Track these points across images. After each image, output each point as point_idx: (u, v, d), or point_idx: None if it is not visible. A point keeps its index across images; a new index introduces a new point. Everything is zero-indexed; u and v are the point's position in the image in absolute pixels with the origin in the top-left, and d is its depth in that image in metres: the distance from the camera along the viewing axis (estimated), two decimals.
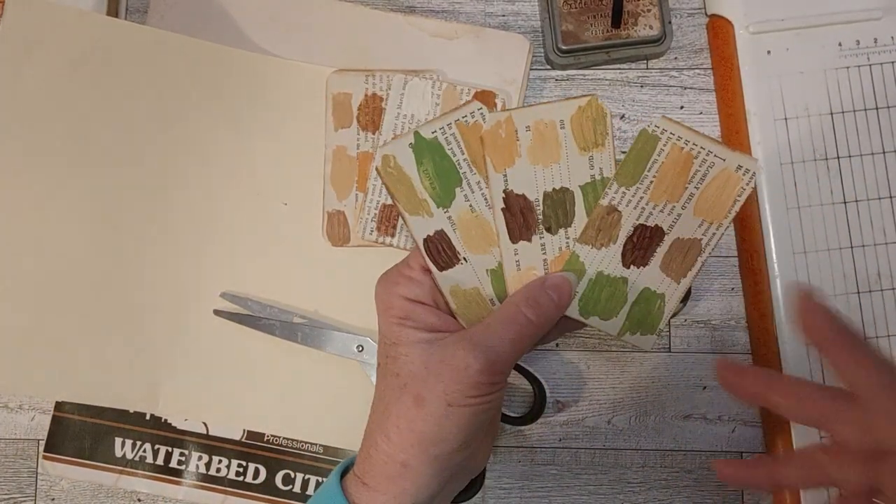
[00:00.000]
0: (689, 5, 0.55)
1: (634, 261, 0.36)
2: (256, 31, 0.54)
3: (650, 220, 0.36)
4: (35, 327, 0.52)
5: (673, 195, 0.35)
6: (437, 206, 0.36)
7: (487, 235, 0.37)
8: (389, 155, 0.36)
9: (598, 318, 0.37)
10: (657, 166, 0.35)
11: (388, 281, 0.38)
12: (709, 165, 0.35)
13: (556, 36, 0.52)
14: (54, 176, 0.53)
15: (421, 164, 0.36)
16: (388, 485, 0.36)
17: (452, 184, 0.36)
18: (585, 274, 0.37)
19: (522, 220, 0.36)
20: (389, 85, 0.52)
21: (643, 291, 0.37)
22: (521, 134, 0.36)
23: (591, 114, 0.36)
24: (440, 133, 0.36)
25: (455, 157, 0.36)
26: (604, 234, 0.36)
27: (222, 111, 0.53)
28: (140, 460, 0.52)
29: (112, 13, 0.54)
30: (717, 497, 0.52)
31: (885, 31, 0.51)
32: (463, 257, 0.37)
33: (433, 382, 0.35)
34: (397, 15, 0.54)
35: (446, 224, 0.37)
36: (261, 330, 0.51)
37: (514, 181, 0.36)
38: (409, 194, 0.36)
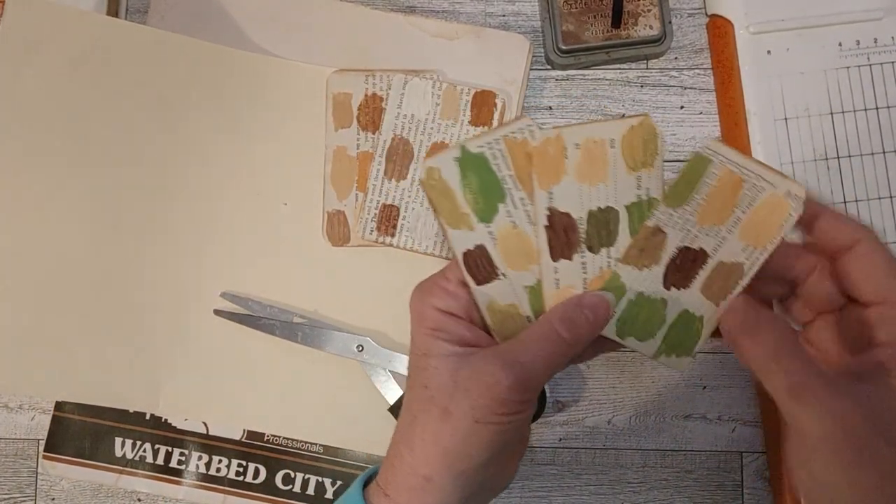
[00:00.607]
0: (689, 5, 0.55)
1: (675, 283, 0.36)
2: (256, 31, 0.54)
3: (695, 242, 0.35)
4: (35, 327, 0.52)
5: (720, 218, 0.35)
6: (479, 220, 0.36)
7: (528, 252, 0.36)
8: (434, 168, 0.36)
9: (635, 339, 0.37)
10: (707, 189, 0.35)
11: (424, 291, 0.37)
12: (758, 190, 0.35)
13: (556, 36, 0.52)
14: (54, 176, 0.53)
15: (465, 178, 0.36)
16: (409, 497, 0.35)
17: (496, 199, 0.36)
18: (625, 294, 0.36)
19: (565, 239, 0.36)
20: (389, 85, 0.52)
21: (682, 314, 0.36)
22: (569, 151, 0.35)
23: (643, 133, 0.35)
24: (487, 148, 0.36)
25: (500, 173, 0.36)
26: (647, 254, 0.36)
27: (222, 111, 0.53)
28: (140, 460, 0.52)
29: (112, 13, 0.54)
30: (717, 497, 0.52)
31: (885, 31, 0.51)
32: (502, 273, 0.36)
33: (461, 397, 0.34)
34: (397, 15, 0.54)
35: (487, 239, 0.36)
36: (261, 330, 0.51)
37: (559, 199, 0.36)
38: (452, 208, 0.36)
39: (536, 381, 0.34)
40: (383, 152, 0.52)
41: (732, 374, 0.52)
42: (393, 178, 0.52)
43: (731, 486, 0.52)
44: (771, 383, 0.33)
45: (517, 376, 0.34)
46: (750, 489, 0.51)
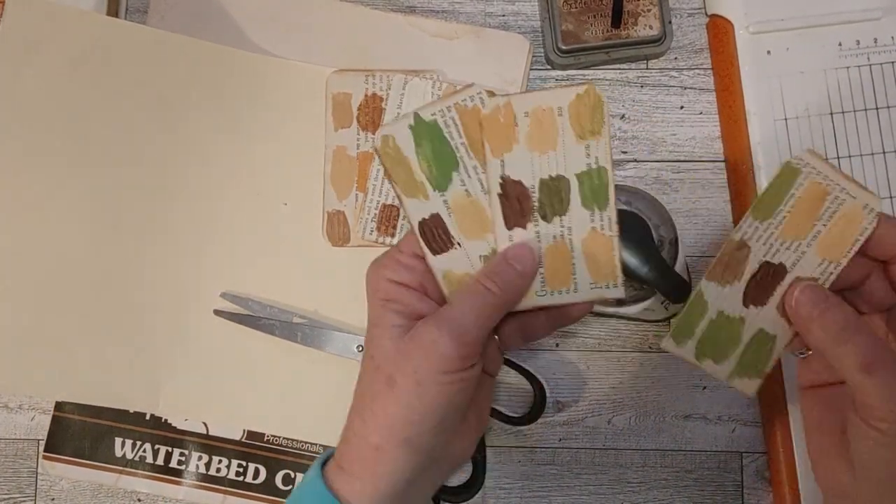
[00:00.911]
0: (689, 5, 0.55)
1: (755, 300, 0.36)
2: (256, 31, 0.54)
3: (776, 256, 0.35)
4: (35, 327, 0.52)
5: (802, 231, 0.35)
6: (434, 189, 0.36)
7: (482, 221, 0.37)
8: (389, 135, 0.36)
9: (712, 361, 0.36)
10: (793, 201, 0.35)
11: (378, 264, 0.38)
12: (839, 203, 0.34)
13: (556, 36, 0.52)
14: (54, 176, 0.53)
15: (419, 147, 0.36)
16: (362, 469, 0.36)
17: (449, 167, 0.36)
18: (707, 314, 0.36)
19: (518, 207, 0.36)
20: (389, 85, 0.52)
21: (757, 333, 0.36)
22: (519, 119, 0.36)
23: (589, 102, 0.35)
24: (439, 116, 0.36)
25: (453, 141, 0.36)
26: (730, 271, 0.36)
27: (222, 111, 0.53)
28: (140, 460, 0.52)
29: (112, 13, 0.54)
30: (717, 497, 0.52)
31: (885, 31, 0.51)
32: (457, 242, 0.37)
33: (403, 362, 0.35)
34: (397, 15, 0.54)
35: (442, 208, 0.36)
36: (261, 330, 0.51)
37: (511, 167, 0.36)
38: (407, 176, 0.36)
39: (472, 336, 0.35)
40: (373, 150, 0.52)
41: None
42: None
43: (731, 487, 0.51)
44: (842, 360, 0.33)
45: (452, 333, 0.34)
46: (750, 489, 0.51)
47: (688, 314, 0.36)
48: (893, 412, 0.31)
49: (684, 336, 0.36)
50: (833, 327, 0.33)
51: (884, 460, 0.32)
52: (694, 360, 0.36)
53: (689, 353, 0.36)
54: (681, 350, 0.37)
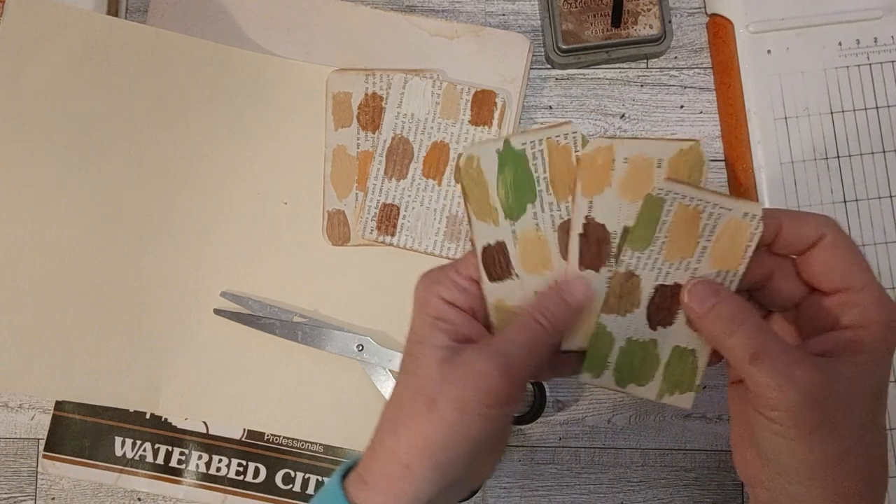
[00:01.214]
0: (689, 5, 0.55)
1: (661, 321, 0.36)
2: (256, 30, 0.54)
3: (668, 278, 0.36)
4: (35, 327, 0.52)
5: (686, 251, 0.35)
6: (506, 216, 0.36)
7: (544, 258, 0.37)
8: (474, 156, 0.36)
9: (635, 384, 0.37)
10: (667, 226, 0.35)
11: (431, 279, 0.37)
12: (716, 218, 0.35)
13: (556, 35, 0.52)
14: (54, 176, 0.53)
15: (502, 173, 0.36)
16: (386, 485, 0.35)
17: (526, 199, 0.36)
18: (615, 343, 0.37)
19: (596, 250, 0.36)
20: (389, 84, 0.52)
21: (674, 350, 0.37)
22: (617, 164, 0.35)
23: (690, 159, 0.35)
24: (528, 146, 0.36)
25: (536, 174, 0.36)
26: (626, 300, 0.36)
27: (222, 110, 0.53)
28: (140, 460, 0.52)
29: (112, 13, 0.54)
30: (717, 496, 0.52)
31: (885, 30, 0.51)
32: (516, 273, 0.37)
33: (448, 387, 0.34)
34: (397, 15, 0.54)
35: (509, 237, 0.36)
36: (261, 329, 0.51)
37: (598, 209, 0.36)
38: (482, 199, 0.36)
39: (521, 370, 0.35)
40: (383, 152, 0.52)
41: None
42: (393, 178, 0.52)
43: (731, 486, 0.52)
44: (732, 352, 0.33)
45: (501, 366, 0.34)
46: None
47: (594, 348, 0.37)
48: (782, 401, 0.31)
49: (598, 368, 0.37)
50: (723, 319, 0.34)
51: (783, 448, 0.32)
52: (616, 387, 0.37)
53: (610, 382, 0.37)
54: (600, 381, 0.37)
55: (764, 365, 0.32)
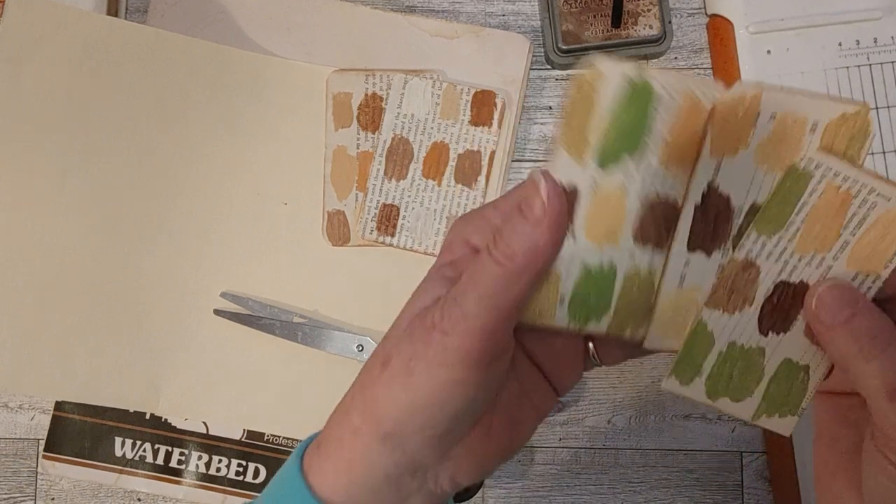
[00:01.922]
0: (689, 5, 0.55)
1: (773, 326, 0.30)
2: (257, 31, 0.54)
3: (794, 275, 0.30)
4: (35, 327, 0.52)
5: (823, 244, 0.29)
6: (595, 160, 0.29)
7: (614, 230, 0.30)
8: (601, 72, 0.28)
9: (729, 399, 0.31)
10: (807, 209, 0.29)
11: (464, 220, 0.31)
12: (870, 207, 0.29)
13: (556, 35, 0.52)
14: (54, 176, 0.53)
15: (619, 105, 0.28)
16: (337, 449, 0.30)
17: (628, 146, 0.29)
18: (714, 346, 0.30)
19: (712, 228, 0.30)
20: (389, 85, 0.52)
21: (783, 363, 0.30)
22: (760, 121, 0.29)
23: (853, 128, 0.29)
24: (665, 92, 0.28)
25: (655, 125, 0.29)
26: (737, 295, 0.30)
27: (222, 111, 0.53)
28: (140, 460, 0.52)
29: (112, 13, 0.54)
30: (717, 496, 0.52)
31: (885, 31, 0.51)
32: (573, 233, 0.29)
33: (404, 344, 0.28)
34: (397, 15, 0.54)
35: (588, 186, 0.29)
36: (261, 330, 0.51)
37: (724, 176, 0.29)
38: (580, 126, 0.29)
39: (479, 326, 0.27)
40: (383, 152, 0.52)
41: None
42: (393, 178, 0.52)
43: (731, 486, 0.52)
44: (866, 380, 0.27)
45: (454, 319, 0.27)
46: (750, 489, 0.51)
47: (688, 349, 0.30)
48: None
49: (689, 374, 0.31)
50: (861, 338, 0.27)
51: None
52: (706, 399, 0.31)
53: (699, 393, 0.31)
54: (688, 390, 0.31)
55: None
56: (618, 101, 0.28)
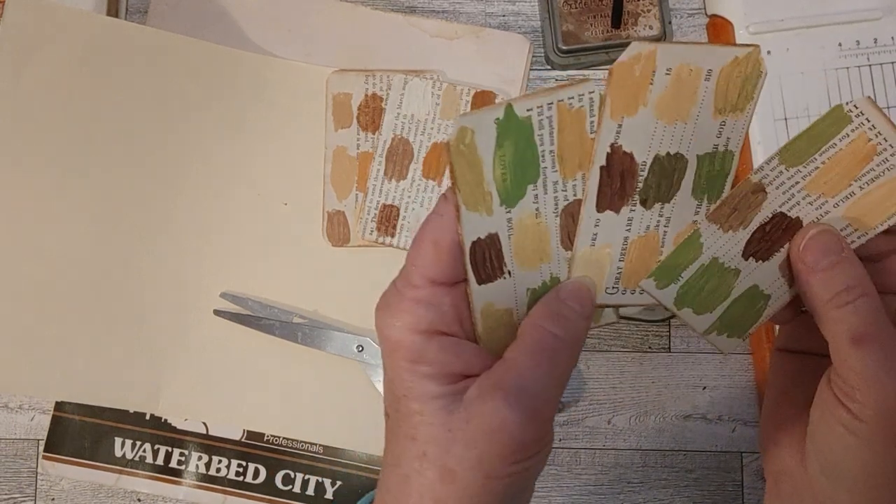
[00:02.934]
0: (689, 5, 0.55)
1: (756, 253, 0.31)
2: (257, 31, 0.54)
3: (794, 210, 0.30)
4: (35, 327, 0.52)
5: (832, 189, 0.30)
6: (501, 203, 0.29)
7: (542, 248, 0.30)
8: (468, 128, 0.28)
9: (692, 310, 0.32)
10: (833, 152, 0.29)
11: (388, 309, 0.29)
12: (888, 167, 0.29)
13: (556, 36, 0.52)
14: (54, 176, 0.53)
15: (500, 148, 0.29)
16: None
17: (527, 179, 0.29)
18: (699, 258, 0.31)
19: (619, 186, 0.30)
20: (389, 85, 0.52)
21: (750, 289, 0.32)
22: (657, 77, 0.29)
23: (746, 69, 0.29)
24: (535, 112, 0.29)
25: (542, 147, 0.29)
26: (738, 215, 0.31)
27: (223, 111, 0.53)
28: (140, 460, 0.52)
29: (112, 13, 0.54)
30: (717, 497, 0.52)
31: (885, 31, 0.51)
32: (508, 270, 0.30)
33: (462, 450, 0.27)
34: (397, 15, 0.54)
35: (504, 227, 0.30)
36: (261, 330, 0.51)
37: (627, 135, 0.29)
38: (475, 182, 0.29)
39: (549, 407, 0.28)
40: (383, 152, 0.52)
41: (732, 374, 0.52)
42: (393, 179, 0.52)
43: (731, 487, 0.52)
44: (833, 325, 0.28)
45: (526, 407, 0.27)
46: (750, 489, 0.51)
47: (677, 255, 0.31)
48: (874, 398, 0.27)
49: (668, 278, 0.31)
50: (837, 285, 0.28)
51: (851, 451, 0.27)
52: (672, 305, 0.32)
53: (668, 299, 0.31)
54: (660, 293, 0.32)
55: (868, 351, 0.27)
56: (497, 145, 0.28)
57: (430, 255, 0.29)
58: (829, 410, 0.28)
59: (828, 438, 0.28)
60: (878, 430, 0.27)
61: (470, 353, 0.29)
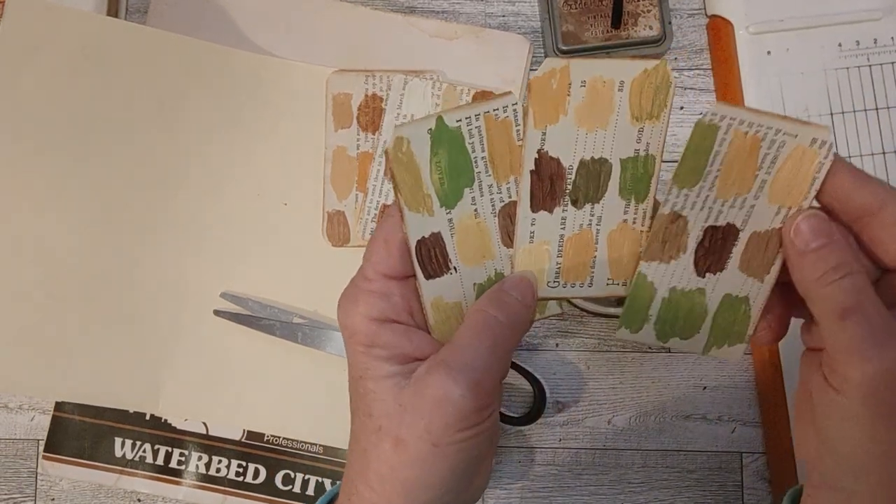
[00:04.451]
0: (689, 6, 0.55)
1: (709, 267, 0.33)
2: (256, 31, 0.54)
3: (720, 218, 0.32)
4: (35, 327, 0.52)
5: (743, 186, 0.31)
6: (441, 205, 0.32)
7: (485, 246, 0.33)
8: (403, 138, 0.31)
9: (679, 339, 0.34)
10: (720, 158, 0.31)
11: (348, 300, 0.33)
12: (779, 146, 0.31)
13: (556, 36, 0.52)
14: (54, 176, 0.53)
15: (435, 155, 0.32)
16: None
17: (463, 183, 0.32)
18: (657, 294, 0.33)
19: (549, 188, 0.32)
20: (389, 85, 0.52)
21: (724, 298, 0.33)
22: (573, 89, 0.31)
23: (656, 80, 0.31)
24: (464, 123, 0.32)
25: (473, 154, 0.32)
26: (671, 244, 0.32)
27: (222, 111, 0.53)
28: (140, 460, 0.52)
29: (112, 13, 0.54)
30: (717, 497, 0.52)
31: (885, 31, 0.51)
32: (454, 266, 0.33)
33: (412, 420, 0.30)
34: (397, 15, 0.54)
35: (445, 227, 0.33)
36: (261, 330, 0.51)
37: (551, 142, 0.32)
38: (414, 186, 0.32)
39: (490, 381, 0.31)
40: (383, 153, 0.52)
41: (733, 374, 0.52)
42: None
43: (731, 487, 0.51)
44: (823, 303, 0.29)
45: (467, 381, 0.30)
46: (750, 490, 0.51)
47: (632, 301, 0.33)
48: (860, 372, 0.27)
49: (638, 322, 0.34)
50: (826, 265, 0.29)
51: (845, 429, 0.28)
52: (657, 342, 0.34)
53: (650, 338, 0.34)
54: (639, 336, 0.34)
55: (855, 324, 0.28)
56: (431, 152, 0.32)
57: (381, 252, 0.32)
58: (821, 392, 0.29)
59: (825, 422, 0.29)
60: (864, 404, 0.27)
61: (420, 339, 0.32)
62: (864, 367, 0.27)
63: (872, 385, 0.27)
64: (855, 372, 0.27)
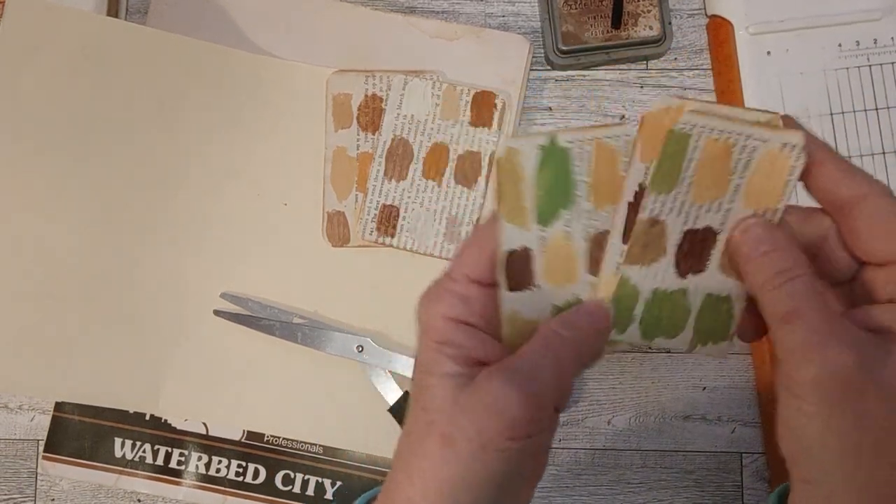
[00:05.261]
0: (689, 6, 0.55)
1: (690, 269, 0.33)
2: (256, 31, 0.54)
3: (698, 222, 0.32)
4: (35, 327, 0.52)
5: (718, 191, 0.32)
6: (537, 221, 0.33)
7: (570, 269, 0.33)
8: (515, 149, 0.32)
9: (664, 338, 0.34)
10: (694, 164, 0.31)
11: (430, 297, 0.33)
12: (751, 151, 0.31)
13: (556, 36, 0.52)
14: (54, 176, 0.53)
15: (542, 171, 0.32)
16: None
17: (561, 203, 0.33)
18: (640, 296, 0.34)
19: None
20: (389, 85, 0.52)
21: (706, 299, 0.34)
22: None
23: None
24: (576, 145, 0.32)
25: (577, 177, 0.32)
26: (651, 249, 0.33)
27: (222, 111, 0.53)
28: (140, 460, 0.52)
29: (112, 13, 0.54)
30: (717, 497, 0.52)
31: (885, 31, 0.51)
32: (537, 284, 0.33)
33: (464, 420, 0.30)
34: (397, 15, 0.54)
35: (536, 243, 0.33)
36: (261, 330, 0.51)
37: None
38: (516, 199, 0.32)
39: (547, 396, 0.30)
40: (383, 153, 0.52)
41: (732, 374, 0.52)
42: (393, 179, 0.52)
43: (731, 487, 0.51)
44: (768, 307, 0.30)
45: (523, 391, 0.30)
46: (750, 490, 0.51)
47: (618, 302, 0.34)
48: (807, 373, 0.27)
49: (623, 324, 0.34)
50: (772, 270, 0.30)
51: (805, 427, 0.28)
52: (642, 341, 0.34)
53: (635, 337, 0.34)
54: (626, 336, 0.34)
55: (796, 328, 0.28)
56: (538, 168, 0.32)
57: (472, 256, 0.33)
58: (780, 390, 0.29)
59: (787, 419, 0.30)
60: (815, 404, 0.28)
61: (491, 346, 0.32)
62: (809, 368, 0.28)
63: (820, 385, 0.28)
64: (800, 374, 0.28)
